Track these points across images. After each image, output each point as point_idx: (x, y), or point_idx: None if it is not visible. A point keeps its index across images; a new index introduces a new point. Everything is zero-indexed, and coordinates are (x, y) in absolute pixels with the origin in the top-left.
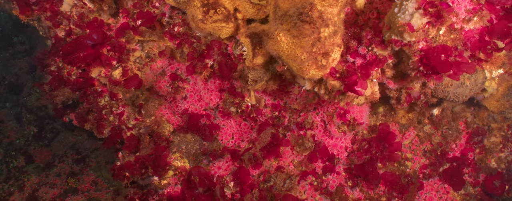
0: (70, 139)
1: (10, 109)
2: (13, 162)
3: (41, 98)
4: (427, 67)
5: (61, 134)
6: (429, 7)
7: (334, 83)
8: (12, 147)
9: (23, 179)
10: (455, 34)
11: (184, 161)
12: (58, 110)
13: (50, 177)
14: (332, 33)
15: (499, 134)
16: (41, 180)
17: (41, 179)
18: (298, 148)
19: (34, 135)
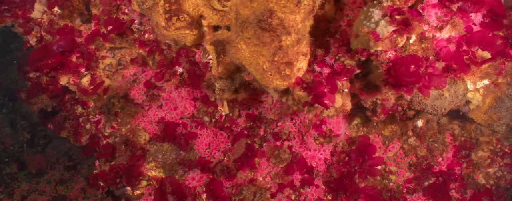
0: (64, 145)
1: (6, 115)
2: (6, 169)
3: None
4: (394, 79)
5: (54, 140)
6: (396, 15)
7: (301, 94)
8: (5, 154)
9: (14, 186)
10: (426, 43)
11: (160, 171)
12: (42, 117)
13: (40, 184)
14: (295, 42)
15: (487, 148)
16: (31, 187)
17: (31, 186)
18: (274, 159)
19: (27, 141)
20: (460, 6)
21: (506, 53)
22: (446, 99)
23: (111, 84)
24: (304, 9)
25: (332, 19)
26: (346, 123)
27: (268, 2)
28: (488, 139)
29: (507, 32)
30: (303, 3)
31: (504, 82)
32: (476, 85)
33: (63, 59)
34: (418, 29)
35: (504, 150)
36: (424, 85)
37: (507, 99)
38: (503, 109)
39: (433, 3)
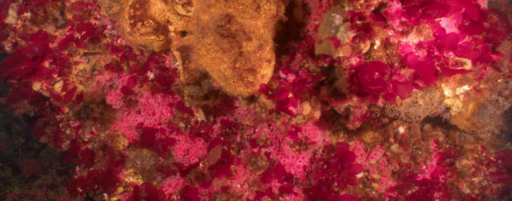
0: (57, 150)
1: (1, 120)
2: (0, 174)
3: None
4: (358, 87)
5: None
6: (357, 19)
7: (266, 101)
8: (0, 158)
9: (5, 191)
10: (390, 49)
11: (138, 177)
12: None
13: (32, 189)
14: (257, 48)
15: (472, 156)
16: (23, 192)
17: (23, 190)
18: (251, 166)
19: (22, 146)
20: (424, 11)
21: (487, 57)
22: (421, 107)
23: (85, 90)
24: (265, 14)
25: (301, 23)
26: (324, 129)
27: (226, 7)
28: (473, 146)
29: (487, 36)
30: (263, 8)
31: (486, 88)
32: (456, 91)
33: (35, 65)
34: (382, 35)
35: (490, 158)
36: (388, 93)
37: (490, 106)
38: (487, 116)
39: (396, 7)
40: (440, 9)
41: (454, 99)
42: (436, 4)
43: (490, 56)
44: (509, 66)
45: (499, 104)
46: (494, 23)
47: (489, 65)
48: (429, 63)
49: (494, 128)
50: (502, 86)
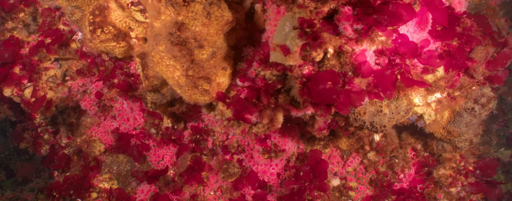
0: (37, 155)
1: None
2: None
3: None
4: (308, 96)
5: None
6: (307, 27)
7: (224, 109)
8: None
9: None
10: (344, 57)
11: (113, 182)
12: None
13: (24, 192)
14: (210, 55)
15: (450, 165)
16: (15, 195)
17: (15, 194)
18: (222, 173)
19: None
20: (376, 19)
21: (460, 64)
22: (386, 116)
23: (55, 96)
24: (217, 21)
25: (263, 30)
26: (296, 136)
27: (176, 14)
28: (451, 156)
29: (460, 41)
30: (214, 15)
31: (462, 95)
32: (428, 99)
33: (5, 71)
34: (334, 43)
35: (468, 168)
36: (341, 102)
37: (466, 114)
38: (463, 124)
39: (348, 14)
40: (391, 17)
41: (425, 107)
42: (387, 12)
43: (463, 63)
44: (483, 73)
45: (475, 113)
46: (467, 27)
47: (463, 72)
48: (386, 72)
49: (472, 136)
50: (478, 94)
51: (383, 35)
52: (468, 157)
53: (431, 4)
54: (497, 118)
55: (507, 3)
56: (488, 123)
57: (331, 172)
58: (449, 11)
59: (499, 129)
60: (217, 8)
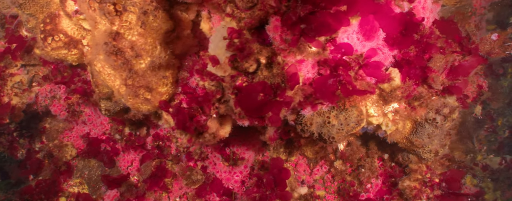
0: (14, 159)
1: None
2: None
3: None
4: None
5: None
6: (236, 38)
7: (168, 118)
8: None
9: None
10: (276, 69)
11: (84, 187)
12: None
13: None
14: (149, 65)
15: (415, 177)
16: (6, 197)
17: (7, 196)
18: (185, 180)
19: None
20: (304, 29)
21: (416, 73)
22: (334, 127)
23: (20, 101)
24: (154, 30)
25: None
26: (257, 144)
27: (111, 24)
28: (417, 166)
29: (417, 50)
30: (150, 24)
31: (422, 106)
32: (384, 109)
33: None
34: (265, 53)
35: (434, 180)
36: (273, 114)
37: (427, 125)
38: (425, 135)
39: (276, 25)
40: (320, 27)
41: (381, 117)
42: (314, 22)
43: (421, 72)
44: (443, 82)
45: (437, 123)
46: (425, 35)
47: (421, 82)
48: (323, 83)
49: (438, 147)
50: (440, 104)
51: (313, 46)
52: (435, 168)
53: (379, 11)
54: (483, 124)
55: (495, 4)
56: (473, 129)
57: (298, 180)
58: (407, 17)
59: (488, 135)
60: (152, 18)
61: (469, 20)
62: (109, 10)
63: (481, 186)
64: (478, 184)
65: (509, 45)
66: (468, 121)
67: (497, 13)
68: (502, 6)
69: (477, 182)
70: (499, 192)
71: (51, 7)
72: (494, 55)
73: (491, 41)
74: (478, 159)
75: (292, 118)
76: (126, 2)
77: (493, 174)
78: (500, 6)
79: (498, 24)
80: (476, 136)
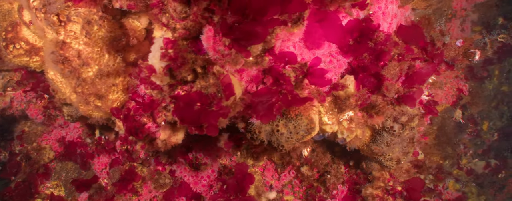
0: None
1: None
2: None
3: None
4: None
5: None
6: (170, 48)
7: (120, 125)
8: None
9: None
10: (212, 79)
11: (61, 189)
12: None
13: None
14: (97, 73)
15: (378, 185)
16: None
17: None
18: (153, 184)
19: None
20: (235, 40)
21: (371, 81)
22: (283, 135)
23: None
24: (101, 39)
25: None
26: (220, 150)
27: (57, 34)
28: (380, 174)
29: (371, 57)
30: (96, 34)
31: (380, 113)
32: (339, 117)
33: None
34: (200, 63)
35: (397, 188)
36: (209, 123)
37: (386, 134)
38: (383, 143)
39: (209, 35)
40: (252, 37)
41: (335, 125)
42: (242, 31)
43: (373, 80)
44: (398, 91)
45: (395, 132)
46: (380, 42)
47: (376, 90)
48: (264, 93)
49: (400, 155)
50: (398, 112)
51: (244, 56)
52: (399, 176)
53: (324, 20)
54: (466, 128)
55: (480, 5)
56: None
57: (266, 185)
58: (362, 24)
59: (472, 138)
60: (97, 27)
61: (433, 26)
62: (53, 20)
63: (464, 191)
64: (461, 188)
65: (472, 52)
66: (448, 126)
67: (482, 14)
68: (488, 7)
69: (460, 186)
70: (483, 197)
71: (13, 16)
72: (458, 61)
73: (456, 48)
74: (463, 163)
75: (242, 126)
76: (70, 12)
77: (478, 179)
78: (485, 7)
79: (484, 25)
80: (458, 140)
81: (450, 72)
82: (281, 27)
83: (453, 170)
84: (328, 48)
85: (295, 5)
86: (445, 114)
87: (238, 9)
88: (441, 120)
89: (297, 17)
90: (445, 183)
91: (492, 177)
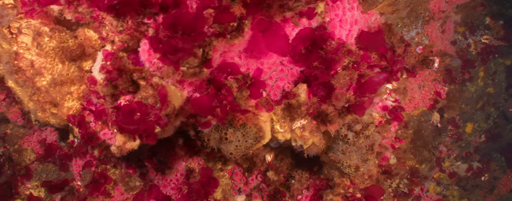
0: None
1: None
2: None
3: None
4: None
5: None
6: (109, 60)
7: (76, 131)
8: None
9: None
10: (151, 89)
11: (41, 190)
12: None
13: None
14: (51, 82)
15: (338, 191)
16: None
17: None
18: (124, 186)
19: None
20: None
21: (321, 90)
22: (232, 143)
23: None
24: (52, 50)
25: None
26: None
27: (11, 45)
28: (340, 181)
29: (321, 66)
30: (47, 46)
31: (332, 122)
32: (293, 125)
33: None
34: (138, 75)
35: (356, 195)
36: (148, 133)
37: (341, 142)
38: (339, 151)
39: (144, 49)
40: (178, 52)
41: (288, 133)
42: (173, 47)
43: (323, 89)
44: (348, 99)
45: (349, 140)
46: (330, 50)
47: (327, 98)
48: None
49: (359, 162)
50: (352, 120)
51: (174, 69)
52: (360, 183)
53: (268, 30)
54: (444, 131)
55: (463, 6)
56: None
57: (235, 188)
58: (315, 33)
59: (454, 141)
60: (48, 38)
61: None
62: (3, 33)
63: (445, 194)
64: (442, 192)
65: (431, 59)
66: (425, 130)
67: (465, 15)
68: (470, 7)
69: (441, 190)
70: (465, 200)
71: None
72: (418, 69)
73: (416, 54)
74: (446, 165)
75: (193, 134)
76: (21, 24)
77: (460, 182)
78: (468, 7)
79: (468, 26)
80: (438, 143)
81: (429, 75)
82: (219, 39)
83: (432, 173)
84: (278, 57)
85: (228, 17)
86: (422, 118)
87: (170, 24)
88: (417, 124)
89: (236, 29)
90: (425, 187)
91: (475, 180)
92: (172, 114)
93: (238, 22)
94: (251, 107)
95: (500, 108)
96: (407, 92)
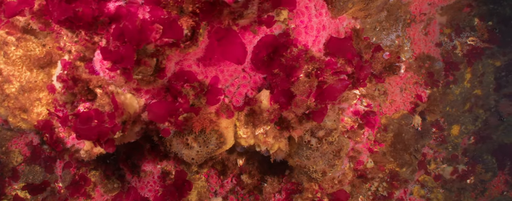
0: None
1: None
2: None
3: None
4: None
5: None
6: (66, 69)
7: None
8: None
9: None
10: (107, 98)
11: (26, 191)
12: None
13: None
14: (20, 89)
15: (307, 196)
16: None
17: None
18: (102, 188)
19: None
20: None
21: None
22: (193, 149)
23: None
24: (19, 59)
25: None
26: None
27: None
28: (309, 185)
29: (282, 73)
30: (13, 54)
31: (295, 128)
32: (256, 131)
33: None
34: (95, 83)
35: (323, 200)
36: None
37: (305, 148)
38: (304, 157)
39: (97, 59)
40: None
41: (251, 139)
42: (120, 57)
43: (286, 95)
44: (308, 106)
45: (312, 146)
46: (291, 58)
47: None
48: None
49: (326, 168)
50: (315, 126)
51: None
52: (328, 187)
53: (224, 38)
54: (427, 134)
55: (448, 8)
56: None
57: (211, 191)
58: (279, 40)
59: (438, 144)
60: (14, 48)
61: (361, 38)
62: None
63: (429, 197)
64: (426, 195)
65: (397, 65)
66: (406, 133)
67: (451, 16)
68: (456, 9)
69: (425, 193)
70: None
71: None
72: (384, 75)
73: (382, 60)
74: (431, 168)
75: (156, 139)
76: None
77: (446, 184)
78: (454, 9)
79: (454, 27)
80: (421, 146)
81: (410, 77)
82: (173, 49)
83: (414, 176)
84: (237, 65)
85: (177, 28)
86: (402, 121)
87: (118, 35)
88: (398, 127)
89: (190, 38)
90: (409, 189)
91: (460, 183)
92: (129, 121)
93: (192, 31)
94: (209, 114)
95: (491, 109)
96: (387, 95)
